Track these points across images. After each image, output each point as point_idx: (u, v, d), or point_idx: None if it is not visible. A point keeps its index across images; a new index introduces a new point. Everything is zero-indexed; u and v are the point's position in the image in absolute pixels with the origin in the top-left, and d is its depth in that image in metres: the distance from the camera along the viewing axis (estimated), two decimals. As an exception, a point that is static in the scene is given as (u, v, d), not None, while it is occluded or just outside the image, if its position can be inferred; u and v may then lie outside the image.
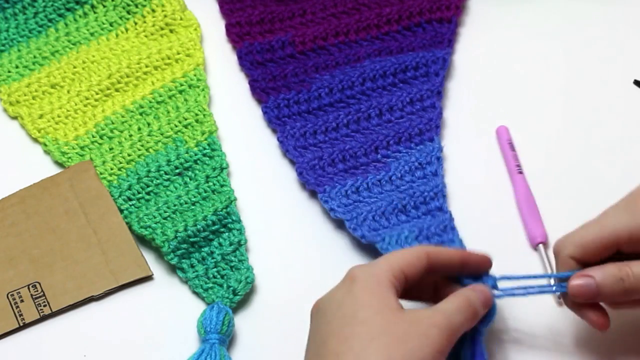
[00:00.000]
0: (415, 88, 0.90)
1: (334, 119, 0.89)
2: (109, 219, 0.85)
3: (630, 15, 0.97)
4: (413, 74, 0.91)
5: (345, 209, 0.83)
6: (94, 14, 0.99)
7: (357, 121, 0.89)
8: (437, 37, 0.94)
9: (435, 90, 0.90)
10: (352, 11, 0.98)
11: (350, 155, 0.87)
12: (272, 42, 0.96)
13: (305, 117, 0.91)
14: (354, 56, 0.94)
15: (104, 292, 0.81)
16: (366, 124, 0.89)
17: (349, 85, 0.91)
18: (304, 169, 0.87)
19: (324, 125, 0.89)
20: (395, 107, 0.90)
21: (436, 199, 0.82)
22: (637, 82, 0.91)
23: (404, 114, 0.89)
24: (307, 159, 0.87)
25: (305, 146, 0.89)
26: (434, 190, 0.83)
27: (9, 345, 0.80)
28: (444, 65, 0.92)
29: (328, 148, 0.88)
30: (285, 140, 0.89)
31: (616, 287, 0.70)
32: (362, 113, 0.90)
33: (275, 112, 0.91)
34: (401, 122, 0.89)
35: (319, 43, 0.96)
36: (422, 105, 0.89)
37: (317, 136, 0.89)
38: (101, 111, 0.92)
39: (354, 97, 0.91)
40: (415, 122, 0.88)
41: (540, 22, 0.97)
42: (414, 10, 0.96)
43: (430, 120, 0.88)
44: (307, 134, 0.89)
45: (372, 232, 0.81)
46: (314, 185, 0.86)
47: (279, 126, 0.90)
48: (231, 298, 0.80)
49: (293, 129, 0.89)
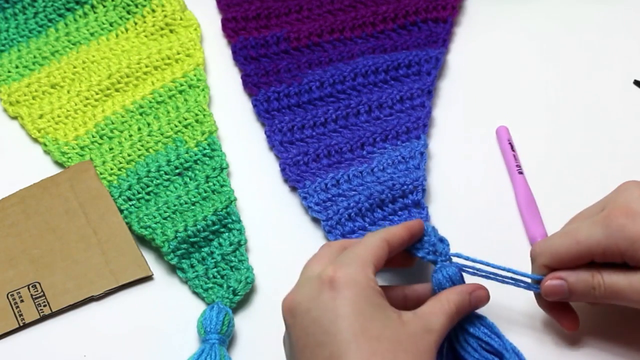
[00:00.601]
0: (406, 86, 0.90)
1: (323, 114, 0.90)
2: (109, 219, 0.85)
3: (630, 15, 0.97)
4: (405, 71, 0.91)
5: (322, 206, 0.84)
6: (94, 14, 0.99)
7: (346, 117, 0.89)
8: (432, 37, 0.94)
9: (426, 89, 0.90)
10: (348, 8, 0.98)
11: (335, 151, 0.87)
12: (266, 38, 0.96)
13: (294, 111, 0.91)
14: (348, 53, 0.94)
15: (104, 292, 0.81)
16: (354, 120, 0.89)
17: (340, 79, 0.91)
18: (287, 165, 0.87)
19: (312, 120, 0.89)
20: (385, 104, 0.90)
21: (415, 192, 0.82)
22: (637, 82, 0.91)
23: (393, 111, 0.89)
24: (292, 155, 0.87)
25: (292, 141, 0.89)
26: (413, 184, 0.83)
27: (9, 345, 0.80)
28: (437, 65, 0.91)
29: (314, 143, 0.88)
30: (272, 135, 0.89)
31: (587, 293, 0.71)
32: (351, 109, 0.90)
33: (265, 106, 0.91)
34: (389, 119, 0.89)
35: (313, 39, 0.96)
36: (412, 104, 0.89)
37: (304, 131, 0.89)
38: (101, 111, 0.92)
39: (344, 92, 0.91)
40: (404, 120, 0.88)
41: (540, 23, 0.97)
42: (410, 9, 0.96)
43: (418, 119, 0.88)
44: (295, 129, 0.89)
45: (347, 236, 0.81)
46: (294, 181, 0.86)
47: (267, 120, 0.90)
48: (231, 298, 0.80)
49: (281, 122, 0.89)
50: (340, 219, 0.82)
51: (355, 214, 0.82)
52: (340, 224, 0.82)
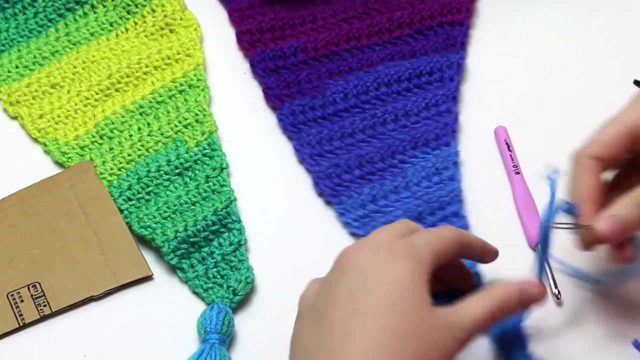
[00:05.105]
0: (430, 93, 0.90)
1: (350, 125, 0.89)
2: (109, 219, 0.85)
3: (631, 15, 0.97)
4: (427, 79, 0.91)
5: (360, 223, 0.83)
6: (94, 14, 0.99)
7: (373, 126, 0.89)
8: (450, 40, 0.94)
9: (450, 95, 0.90)
10: (362, 16, 0.97)
11: (367, 161, 0.86)
12: (284, 49, 0.95)
13: (320, 123, 0.90)
14: (367, 61, 0.93)
15: (104, 292, 0.81)
16: (382, 129, 0.89)
17: (364, 90, 0.91)
18: (320, 178, 0.86)
19: (339, 131, 0.89)
20: (411, 112, 0.89)
21: (452, 204, 0.82)
22: (637, 82, 0.91)
23: (420, 118, 0.89)
24: (324, 167, 0.87)
25: (322, 154, 0.88)
26: (450, 195, 0.83)
27: (9, 345, 0.80)
28: (459, 70, 0.91)
29: (344, 154, 0.87)
30: (301, 149, 0.88)
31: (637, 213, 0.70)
32: (377, 118, 0.89)
33: (291, 119, 0.90)
34: (417, 126, 0.88)
35: (331, 49, 0.95)
36: (438, 110, 0.89)
37: (332, 142, 0.88)
38: (101, 111, 0.92)
39: (369, 102, 0.91)
40: (432, 126, 0.88)
41: (540, 24, 0.97)
42: (424, 14, 0.96)
43: (446, 125, 0.88)
44: (323, 141, 0.88)
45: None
46: (329, 195, 0.85)
47: (295, 133, 0.90)
48: (231, 298, 0.80)
49: (309, 135, 0.89)
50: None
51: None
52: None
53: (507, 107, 0.91)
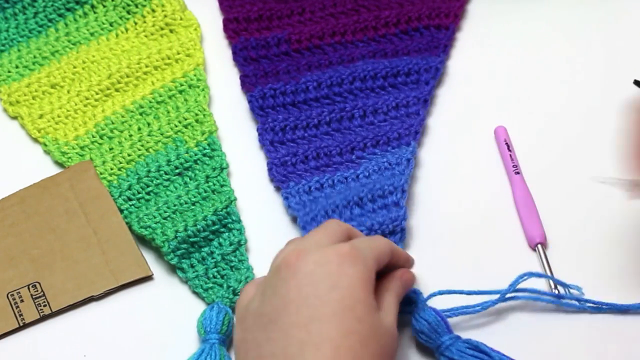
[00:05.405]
0: (403, 94, 0.90)
1: (317, 115, 0.89)
2: (109, 219, 0.85)
3: (629, 15, 0.97)
4: (404, 79, 0.91)
5: (301, 205, 0.84)
6: (94, 14, 0.99)
7: (340, 120, 0.89)
8: (434, 42, 0.94)
9: (422, 98, 0.89)
10: (350, 12, 0.97)
11: (324, 154, 0.87)
12: (267, 39, 0.96)
13: (289, 110, 0.90)
14: (348, 57, 0.94)
15: (104, 292, 0.81)
16: (348, 123, 0.89)
17: (338, 82, 0.91)
18: (274, 165, 0.87)
19: (305, 121, 0.89)
20: (380, 110, 0.89)
21: (395, 193, 0.82)
22: (637, 82, 0.91)
23: (387, 117, 0.89)
24: (280, 155, 0.87)
25: (282, 141, 0.88)
26: (394, 185, 0.82)
27: (9, 345, 0.80)
28: (436, 75, 0.91)
29: (304, 144, 0.88)
30: (264, 134, 0.89)
31: None
32: (345, 112, 0.89)
33: (260, 102, 0.91)
34: (382, 125, 0.88)
35: (314, 42, 0.95)
36: (407, 112, 0.89)
37: (296, 132, 0.89)
38: (101, 111, 0.92)
39: (340, 95, 0.91)
40: (397, 126, 0.88)
41: (540, 24, 0.97)
42: (412, 15, 0.95)
43: (410, 126, 0.87)
44: (287, 129, 0.89)
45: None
46: (279, 181, 0.86)
47: (261, 117, 0.90)
48: (231, 298, 0.80)
49: (274, 121, 0.89)
50: (317, 215, 0.82)
51: (332, 211, 0.82)
52: (315, 220, 0.82)
53: (507, 107, 0.91)
